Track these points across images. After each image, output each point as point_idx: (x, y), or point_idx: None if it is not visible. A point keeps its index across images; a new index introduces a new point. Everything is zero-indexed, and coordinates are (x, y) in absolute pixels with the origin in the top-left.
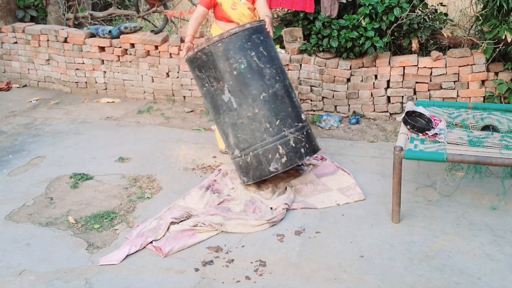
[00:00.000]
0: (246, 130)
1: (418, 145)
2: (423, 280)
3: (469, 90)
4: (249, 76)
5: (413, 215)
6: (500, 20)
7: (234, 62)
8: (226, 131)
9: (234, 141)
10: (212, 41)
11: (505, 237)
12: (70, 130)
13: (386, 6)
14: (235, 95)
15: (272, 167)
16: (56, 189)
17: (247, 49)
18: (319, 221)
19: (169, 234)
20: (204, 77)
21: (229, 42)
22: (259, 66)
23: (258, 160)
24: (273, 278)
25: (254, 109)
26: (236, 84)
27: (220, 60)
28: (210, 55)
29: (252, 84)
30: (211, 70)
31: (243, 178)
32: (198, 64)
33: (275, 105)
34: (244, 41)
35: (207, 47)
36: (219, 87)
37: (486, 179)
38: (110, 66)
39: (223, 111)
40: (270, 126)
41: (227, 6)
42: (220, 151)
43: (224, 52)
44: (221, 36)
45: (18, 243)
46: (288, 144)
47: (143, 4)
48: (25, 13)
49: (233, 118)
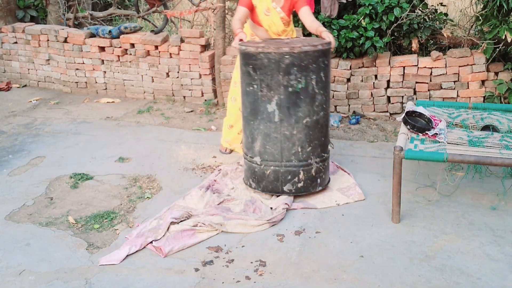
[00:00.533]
0: (277, 146)
1: (418, 145)
2: (423, 280)
3: (469, 90)
4: (302, 98)
5: (413, 215)
6: (500, 20)
7: (294, 79)
8: (255, 136)
9: (259, 149)
10: (281, 50)
11: (505, 237)
12: (70, 130)
13: (386, 6)
14: (281, 110)
15: (286, 188)
16: (56, 189)
17: (311, 70)
18: (319, 221)
19: (169, 234)
20: (257, 78)
21: (297, 58)
22: (314, 90)
23: (276, 177)
24: (273, 278)
25: (293, 130)
26: (286, 101)
27: (281, 71)
28: (273, 62)
29: (302, 106)
30: (267, 76)
31: (251, 183)
32: (255, 64)
33: (313, 132)
34: (311, 61)
35: (274, 53)
36: (268, 96)
37: (486, 179)
38: (110, 66)
39: (262, 118)
40: (300, 151)
41: (261, 11)
42: (220, 150)
43: (288, 66)
44: (292, 49)
45: (18, 243)
46: (309, 172)
47: (143, 4)
48: (25, 13)
49: (269, 130)
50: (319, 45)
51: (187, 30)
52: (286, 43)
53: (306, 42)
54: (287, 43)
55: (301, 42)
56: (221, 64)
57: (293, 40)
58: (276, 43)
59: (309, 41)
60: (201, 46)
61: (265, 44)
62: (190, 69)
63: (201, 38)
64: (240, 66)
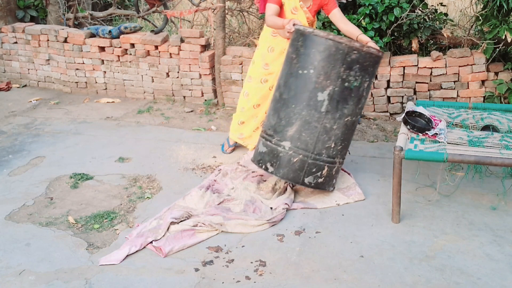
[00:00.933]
0: (313, 136)
1: (418, 145)
2: (423, 280)
3: (469, 90)
4: (352, 96)
5: (413, 215)
6: (500, 20)
7: (353, 76)
8: (291, 121)
9: (292, 134)
10: (352, 44)
11: (505, 237)
12: (70, 130)
13: (386, 6)
14: (331, 102)
15: (307, 180)
16: (56, 189)
17: (367, 73)
18: (319, 221)
19: (169, 234)
20: (317, 64)
21: (362, 57)
22: (362, 92)
23: (301, 166)
24: (273, 278)
25: (334, 125)
26: (338, 94)
27: (344, 65)
28: (340, 53)
29: (349, 104)
30: (330, 65)
31: (268, 166)
32: (320, 50)
33: (348, 132)
34: (370, 64)
35: (344, 45)
36: (323, 85)
37: (486, 179)
38: (110, 66)
39: (307, 105)
40: (332, 147)
41: (288, 9)
42: (222, 148)
43: (352, 62)
44: (361, 46)
45: (18, 243)
46: (332, 170)
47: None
48: (25, 13)
49: (311, 118)
50: (380, 52)
51: (187, 30)
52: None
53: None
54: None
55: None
56: (221, 64)
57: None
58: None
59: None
60: (201, 46)
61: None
62: (190, 69)
63: (201, 38)
64: (296, 47)
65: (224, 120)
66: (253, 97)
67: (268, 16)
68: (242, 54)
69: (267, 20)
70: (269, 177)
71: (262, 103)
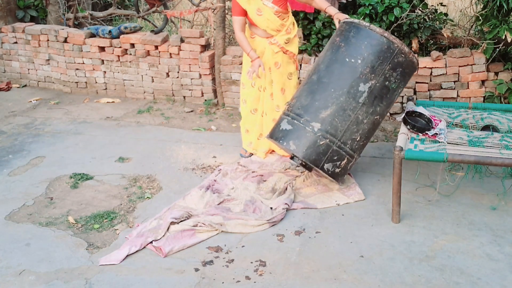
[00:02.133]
0: (345, 124)
1: (418, 145)
2: (423, 280)
3: (469, 90)
4: (388, 96)
5: (413, 215)
6: (500, 20)
7: (394, 78)
8: (328, 104)
9: (325, 117)
10: (403, 47)
11: (505, 237)
12: (70, 130)
13: (386, 6)
14: (370, 95)
15: (326, 166)
16: (56, 189)
17: (404, 80)
18: (319, 221)
19: (169, 234)
20: (366, 56)
21: (406, 63)
22: (394, 97)
23: (325, 151)
24: (273, 278)
25: (365, 119)
26: (378, 90)
27: (390, 64)
28: (390, 52)
29: (383, 103)
30: (378, 60)
31: (292, 144)
32: (372, 44)
33: (372, 131)
34: (409, 72)
35: (396, 46)
36: (367, 77)
37: (486, 179)
38: (110, 66)
39: (348, 92)
40: (357, 141)
41: (252, 13)
42: (240, 154)
43: (397, 64)
44: (409, 53)
45: (18, 243)
46: (349, 163)
47: (143, 4)
48: (25, 13)
49: (348, 105)
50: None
51: (187, 30)
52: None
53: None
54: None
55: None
56: (221, 64)
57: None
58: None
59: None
60: (201, 46)
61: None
62: (190, 69)
63: (201, 38)
64: (347, 37)
65: (224, 120)
66: (250, 102)
67: (237, 32)
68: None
69: (237, 36)
70: (269, 177)
71: (257, 106)
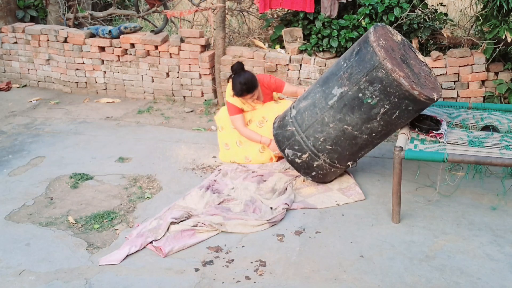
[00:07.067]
0: (311, 119)
1: (418, 145)
2: (423, 280)
3: (469, 90)
4: (361, 110)
5: (413, 215)
6: (500, 20)
7: (370, 92)
8: (308, 96)
9: (301, 108)
10: (384, 62)
11: (505, 237)
12: (70, 130)
13: (386, 6)
14: (338, 101)
15: (287, 151)
16: (56, 189)
17: (388, 100)
18: (319, 221)
19: (169, 234)
20: (352, 61)
21: (387, 80)
22: (375, 115)
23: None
24: (273, 278)
25: (331, 123)
26: (348, 100)
27: (367, 76)
28: (371, 64)
29: (354, 115)
30: (356, 68)
31: (275, 124)
32: (358, 51)
33: (343, 140)
34: (395, 93)
35: (377, 59)
36: (342, 82)
37: (486, 179)
38: (110, 66)
39: (323, 91)
40: (321, 141)
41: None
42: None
43: (376, 79)
44: (392, 70)
45: (18, 243)
46: (312, 161)
47: (143, 4)
48: (25, 13)
49: (319, 103)
50: (417, 92)
51: (187, 30)
52: (402, 60)
53: (421, 79)
54: (403, 60)
55: (415, 73)
56: (221, 64)
57: (416, 64)
58: (396, 55)
59: (422, 79)
60: (201, 46)
61: (386, 52)
62: (190, 69)
63: (201, 38)
64: (360, 39)
65: None
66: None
67: (241, 129)
68: (242, 54)
69: (242, 133)
70: (269, 177)
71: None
